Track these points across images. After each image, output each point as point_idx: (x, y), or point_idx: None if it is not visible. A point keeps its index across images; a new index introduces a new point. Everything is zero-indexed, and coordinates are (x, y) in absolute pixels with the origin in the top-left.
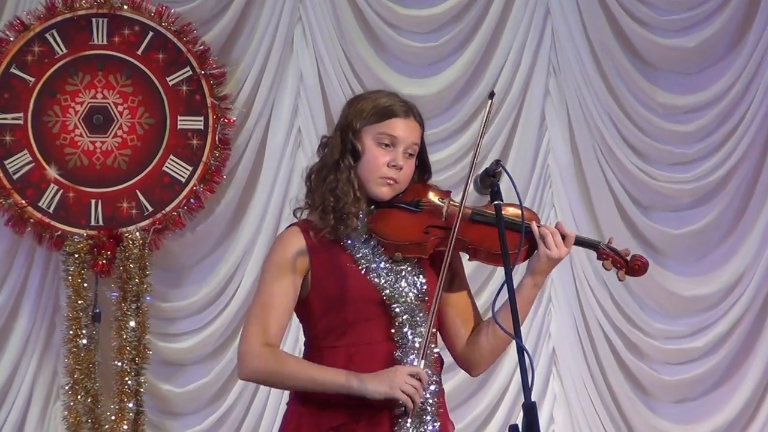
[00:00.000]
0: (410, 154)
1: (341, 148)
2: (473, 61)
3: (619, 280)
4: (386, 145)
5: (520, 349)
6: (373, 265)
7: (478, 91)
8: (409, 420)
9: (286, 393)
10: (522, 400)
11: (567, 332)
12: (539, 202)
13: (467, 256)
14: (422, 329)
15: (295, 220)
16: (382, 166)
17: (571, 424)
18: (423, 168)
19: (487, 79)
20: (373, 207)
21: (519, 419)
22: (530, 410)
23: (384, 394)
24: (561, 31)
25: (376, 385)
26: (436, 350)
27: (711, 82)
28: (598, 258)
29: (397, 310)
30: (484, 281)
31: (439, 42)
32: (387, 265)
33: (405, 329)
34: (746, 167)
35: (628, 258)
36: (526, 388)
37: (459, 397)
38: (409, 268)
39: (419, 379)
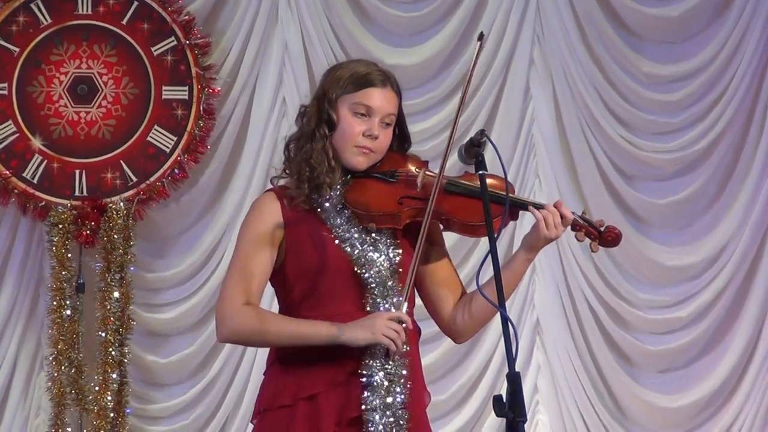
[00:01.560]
0: (387, 124)
1: (317, 118)
2: (458, 31)
3: (592, 251)
4: (362, 115)
5: (504, 320)
6: (347, 235)
7: (462, 60)
8: (391, 362)
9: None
10: (506, 370)
11: (551, 302)
12: (524, 172)
13: (441, 227)
14: (395, 300)
15: (271, 187)
16: (357, 136)
17: (555, 394)
18: (402, 137)
19: (471, 48)
20: (348, 176)
21: (503, 389)
22: (514, 380)
23: (367, 340)
24: (545, 1)
25: (358, 331)
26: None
27: (695, 51)
28: (572, 229)
29: (370, 280)
30: (468, 251)
31: (423, 11)
32: (361, 235)
33: (377, 300)
34: (731, 136)
35: (602, 229)
36: (510, 358)
37: (443, 368)
38: (383, 239)
39: (401, 322)
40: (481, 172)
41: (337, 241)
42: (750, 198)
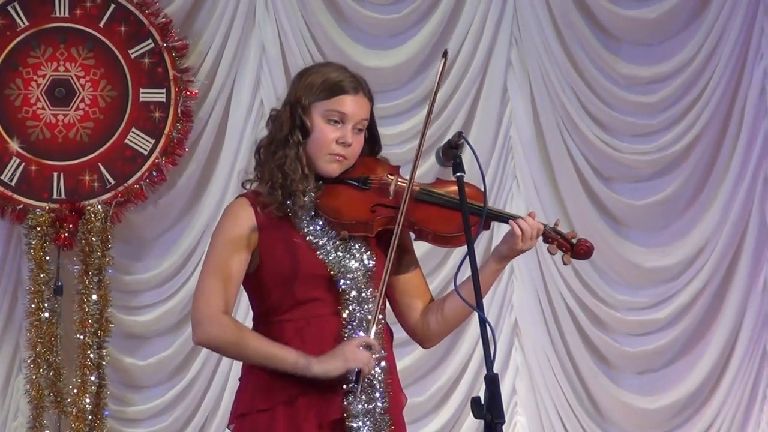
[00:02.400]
0: (359, 130)
1: (290, 124)
2: (435, 33)
3: (564, 263)
4: (335, 122)
5: (482, 321)
6: (321, 242)
7: (440, 63)
8: (359, 388)
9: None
10: (484, 372)
11: (529, 304)
12: (501, 174)
13: (414, 236)
14: (370, 306)
15: (244, 191)
16: (331, 143)
17: (533, 396)
18: (373, 141)
19: (449, 50)
20: (321, 182)
21: (481, 391)
22: (492, 382)
23: (338, 370)
24: (522, 3)
25: (329, 363)
26: (382, 320)
27: (673, 53)
28: (544, 241)
29: (344, 287)
30: (444, 256)
31: (401, 14)
32: (335, 241)
33: (352, 306)
34: (708, 138)
35: (574, 241)
36: (488, 360)
37: (421, 369)
38: (356, 245)
39: (368, 347)
40: (458, 174)
41: (311, 248)
42: (727, 199)
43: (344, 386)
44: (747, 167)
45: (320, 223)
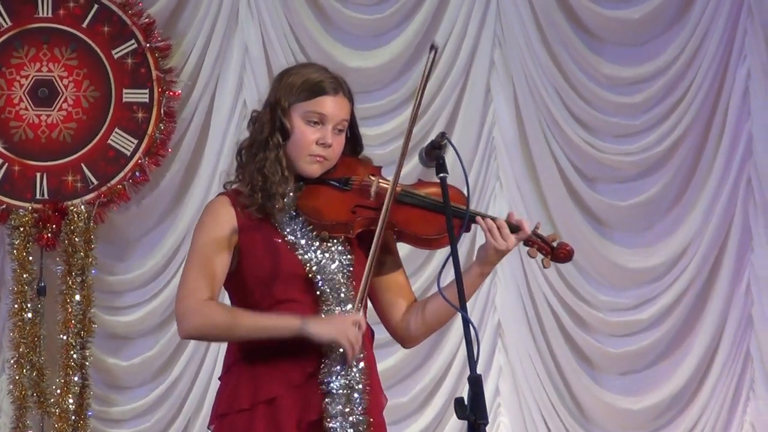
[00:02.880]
0: (340, 130)
1: (270, 126)
2: (418, 33)
3: (544, 266)
4: (315, 123)
5: (466, 322)
6: (301, 242)
7: (423, 62)
8: (343, 369)
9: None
10: (467, 372)
11: (512, 305)
12: (484, 174)
13: (395, 237)
14: (350, 307)
15: (224, 191)
16: (311, 144)
17: (517, 397)
18: (354, 141)
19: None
20: (301, 183)
21: (464, 392)
22: (476, 383)
23: (330, 338)
24: (506, 3)
25: (324, 327)
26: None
27: (656, 54)
28: (525, 244)
29: (324, 287)
30: (428, 256)
31: (384, 14)
32: (314, 242)
33: (332, 307)
34: (691, 139)
35: (555, 244)
36: (472, 361)
37: (404, 370)
38: (336, 246)
39: (359, 327)
40: (442, 174)
41: (291, 248)
42: (711, 200)
43: (322, 385)
44: (730, 168)
45: (300, 223)
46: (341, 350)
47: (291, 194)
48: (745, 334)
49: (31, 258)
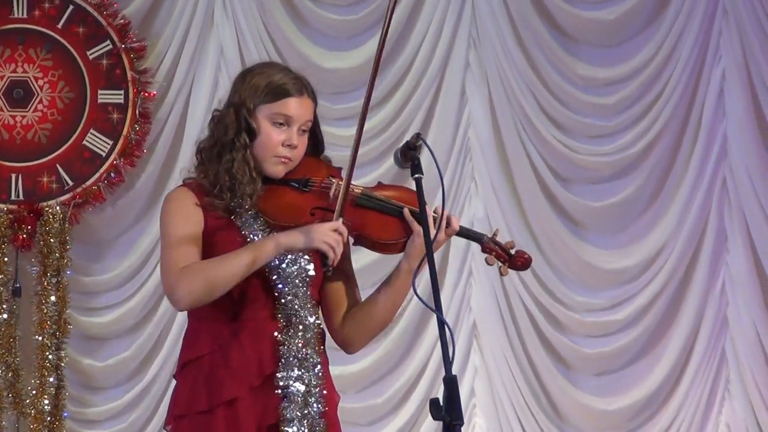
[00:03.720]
0: (304, 131)
1: (236, 127)
2: (393, 34)
3: (502, 274)
4: (281, 124)
5: (441, 323)
6: None
7: (398, 63)
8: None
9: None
10: (443, 373)
11: (488, 305)
12: (459, 175)
13: (352, 241)
14: (309, 308)
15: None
16: (278, 146)
17: (492, 398)
18: (316, 142)
19: (407, 51)
20: (262, 183)
21: (440, 393)
22: (451, 384)
23: (306, 245)
24: (481, 4)
25: (296, 237)
26: (318, 322)
27: (631, 55)
28: (482, 251)
29: (284, 289)
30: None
31: (359, 15)
32: None
33: (289, 309)
34: (666, 139)
35: (512, 252)
36: (447, 362)
37: (379, 371)
38: None
39: (339, 233)
40: (417, 175)
41: None
42: (686, 201)
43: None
44: (705, 169)
45: (260, 224)
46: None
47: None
48: (720, 335)
49: (6, 259)
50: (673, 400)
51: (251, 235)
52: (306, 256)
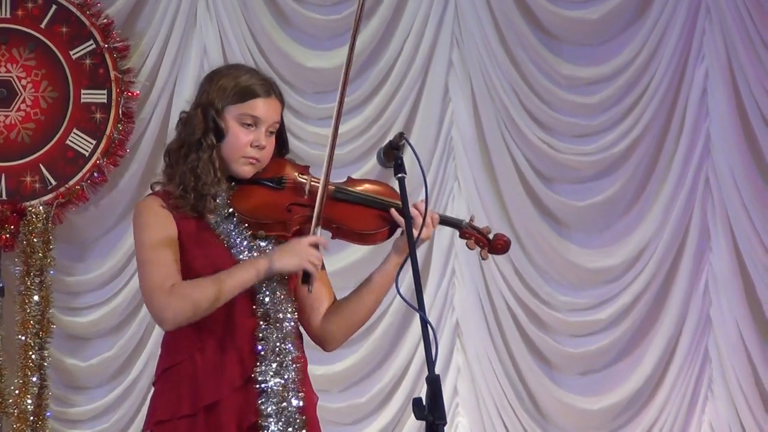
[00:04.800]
0: (271, 132)
1: (203, 127)
2: (377, 34)
3: (482, 258)
4: (249, 125)
5: (424, 322)
6: (236, 242)
7: (381, 63)
8: (310, 287)
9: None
10: (426, 373)
11: (471, 305)
12: (443, 175)
13: (332, 235)
14: (286, 306)
15: (151, 192)
16: (246, 146)
17: (475, 397)
18: (281, 143)
19: (390, 51)
20: (234, 183)
21: (423, 392)
22: (434, 383)
23: (295, 266)
24: (464, 3)
25: (286, 259)
26: (295, 320)
27: (614, 54)
28: (461, 236)
29: (262, 288)
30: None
31: (342, 14)
32: (248, 242)
33: (267, 306)
34: (649, 139)
35: (491, 236)
36: (430, 362)
37: (363, 371)
38: (271, 246)
39: (318, 247)
40: (400, 175)
41: (225, 248)
42: (669, 200)
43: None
44: (688, 168)
45: (234, 223)
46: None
47: (223, 195)
48: (703, 334)
49: None
50: (656, 400)
51: (223, 235)
52: None
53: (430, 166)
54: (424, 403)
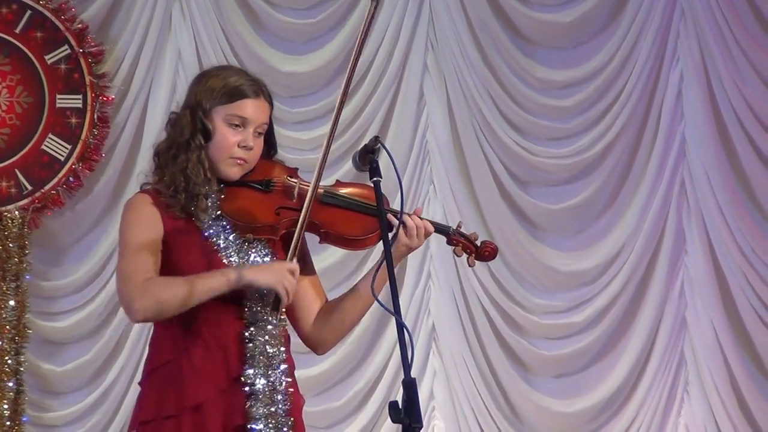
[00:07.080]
0: (259, 133)
1: (192, 128)
2: (351, 38)
3: (469, 265)
4: (236, 126)
5: (400, 326)
6: (224, 244)
7: (356, 67)
8: (279, 314)
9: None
10: (402, 376)
11: (446, 308)
12: (418, 178)
13: (319, 239)
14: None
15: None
16: (233, 147)
17: (451, 400)
18: (269, 144)
19: (365, 54)
20: (222, 186)
21: (399, 396)
22: (410, 387)
23: (268, 284)
24: (438, 7)
25: (261, 274)
26: (284, 322)
27: (588, 57)
28: (448, 243)
29: (249, 289)
30: (361, 261)
31: (317, 18)
32: (237, 244)
33: (254, 309)
34: (624, 142)
35: (478, 243)
36: (406, 365)
37: (339, 374)
38: (259, 248)
39: (293, 273)
40: (375, 179)
41: (213, 249)
42: (644, 203)
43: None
44: (663, 171)
45: (223, 225)
46: (276, 296)
47: (213, 196)
48: (679, 337)
49: None
50: (633, 402)
51: (212, 237)
52: (269, 255)
53: (405, 169)
54: (400, 406)
